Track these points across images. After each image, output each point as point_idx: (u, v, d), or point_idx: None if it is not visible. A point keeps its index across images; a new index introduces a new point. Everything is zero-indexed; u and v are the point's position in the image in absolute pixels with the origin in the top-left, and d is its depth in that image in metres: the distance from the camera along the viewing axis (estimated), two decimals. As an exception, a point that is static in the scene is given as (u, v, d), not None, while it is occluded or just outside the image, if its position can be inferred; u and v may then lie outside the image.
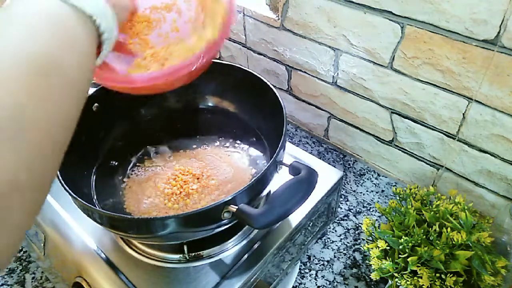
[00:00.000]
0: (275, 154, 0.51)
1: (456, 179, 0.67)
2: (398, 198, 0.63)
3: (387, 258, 0.56)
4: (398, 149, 0.73)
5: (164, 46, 0.45)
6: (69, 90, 0.27)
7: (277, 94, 0.60)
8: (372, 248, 0.58)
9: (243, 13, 0.82)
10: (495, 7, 0.48)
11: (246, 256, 0.56)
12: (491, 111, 0.56)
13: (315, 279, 0.69)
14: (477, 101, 0.57)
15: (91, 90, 0.62)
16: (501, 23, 0.49)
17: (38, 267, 0.75)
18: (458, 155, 0.64)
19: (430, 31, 0.56)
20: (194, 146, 0.69)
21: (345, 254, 0.72)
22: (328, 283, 0.69)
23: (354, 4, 0.62)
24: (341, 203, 0.80)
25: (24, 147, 0.23)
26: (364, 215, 0.78)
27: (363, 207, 0.80)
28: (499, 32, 0.50)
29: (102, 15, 0.32)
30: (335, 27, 0.67)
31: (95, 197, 0.61)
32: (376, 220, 0.77)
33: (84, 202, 0.47)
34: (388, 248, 0.57)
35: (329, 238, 0.75)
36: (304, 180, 0.48)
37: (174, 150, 0.68)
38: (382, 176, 0.79)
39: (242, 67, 0.67)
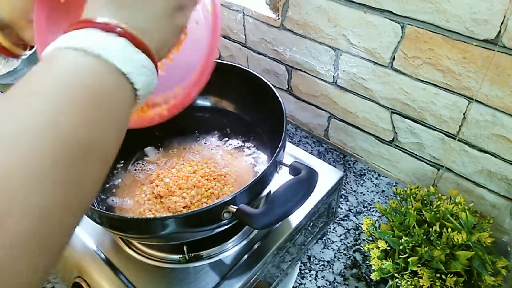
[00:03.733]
0: (275, 154, 0.51)
1: (457, 179, 0.67)
2: (398, 198, 0.63)
3: (388, 258, 0.56)
4: (399, 149, 0.73)
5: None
6: (98, 165, 0.24)
7: (277, 94, 0.60)
8: (372, 249, 0.58)
9: (243, 12, 0.82)
10: (496, 7, 0.48)
11: (246, 256, 0.56)
12: (492, 111, 0.56)
13: (315, 279, 0.69)
14: (477, 101, 0.57)
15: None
16: (502, 23, 0.49)
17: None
18: (458, 155, 0.64)
19: (431, 31, 0.56)
20: (194, 146, 0.69)
21: (345, 255, 0.72)
22: (328, 283, 0.68)
23: (355, 4, 0.62)
24: (341, 203, 0.80)
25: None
26: (365, 215, 0.78)
27: (364, 207, 0.80)
28: (499, 32, 0.50)
29: (140, 72, 0.27)
30: (335, 26, 0.67)
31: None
32: (377, 220, 0.76)
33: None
34: (389, 248, 0.57)
35: (329, 238, 0.75)
36: (304, 180, 0.48)
37: (173, 150, 0.68)
38: (383, 176, 0.79)
39: (242, 67, 0.67)
